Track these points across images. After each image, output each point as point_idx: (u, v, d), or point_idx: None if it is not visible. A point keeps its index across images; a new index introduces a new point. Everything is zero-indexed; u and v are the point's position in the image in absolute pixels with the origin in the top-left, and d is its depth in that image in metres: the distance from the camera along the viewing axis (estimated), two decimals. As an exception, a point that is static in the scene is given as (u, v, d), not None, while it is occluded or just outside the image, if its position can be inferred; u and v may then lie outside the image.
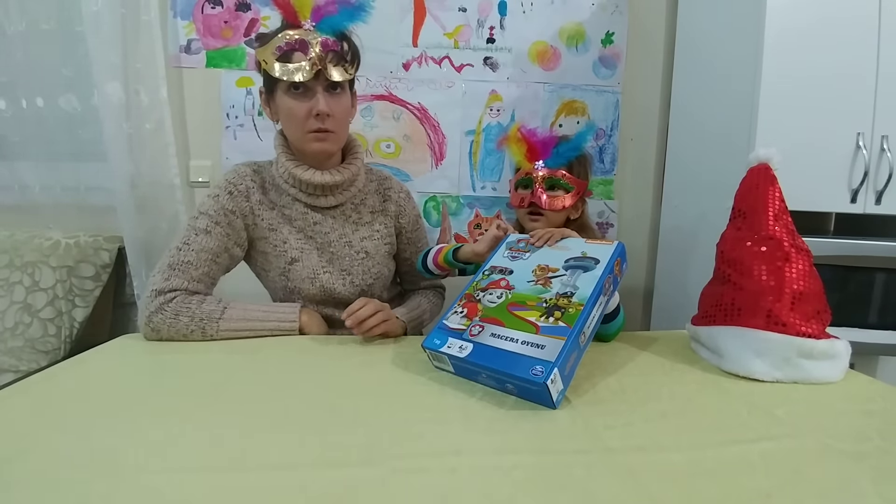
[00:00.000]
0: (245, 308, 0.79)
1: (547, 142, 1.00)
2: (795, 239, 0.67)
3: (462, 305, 0.67)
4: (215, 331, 0.76)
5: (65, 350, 1.30)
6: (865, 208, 1.06)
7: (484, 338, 0.60)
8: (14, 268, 1.31)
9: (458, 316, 0.66)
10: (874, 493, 0.39)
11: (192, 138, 1.46)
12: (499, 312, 0.63)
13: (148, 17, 1.31)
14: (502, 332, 0.60)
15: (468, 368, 0.60)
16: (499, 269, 0.72)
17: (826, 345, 0.62)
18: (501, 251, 0.76)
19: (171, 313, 0.74)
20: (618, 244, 0.68)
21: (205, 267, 0.81)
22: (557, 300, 0.61)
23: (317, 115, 0.79)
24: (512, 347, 0.57)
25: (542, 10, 1.43)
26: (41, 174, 1.41)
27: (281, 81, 0.78)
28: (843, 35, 1.02)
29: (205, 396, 0.56)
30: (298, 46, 0.76)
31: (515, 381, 0.55)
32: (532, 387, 0.53)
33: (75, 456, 0.43)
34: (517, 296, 0.65)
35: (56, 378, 0.62)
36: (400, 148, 1.47)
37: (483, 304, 0.66)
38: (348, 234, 0.92)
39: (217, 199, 0.84)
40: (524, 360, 0.55)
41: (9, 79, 1.36)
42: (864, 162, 1.04)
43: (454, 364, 0.61)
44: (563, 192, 0.98)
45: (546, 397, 0.53)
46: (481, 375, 0.59)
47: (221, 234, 0.83)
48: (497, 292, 0.67)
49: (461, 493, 0.38)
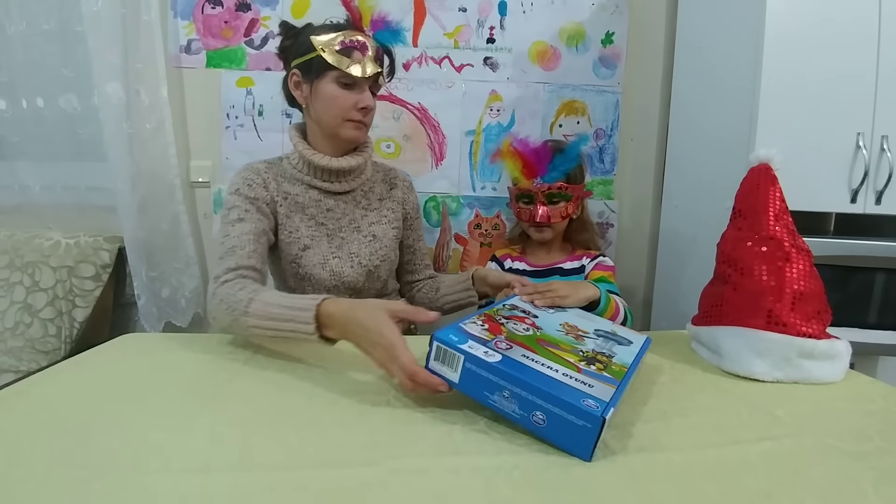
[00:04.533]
0: (267, 303, 0.68)
1: (541, 155, 1.03)
2: (796, 239, 0.67)
3: (482, 320, 0.58)
4: (245, 326, 0.68)
5: (65, 350, 1.30)
6: (865, 208, 1.06)
7: (515, 354, 0.50)
8: (14, 268, 1.31)
9: (479, 326, 0.55)
10: (874, 493, 0.39)
11: (192, 138, 1.46)
12: (528, 341, 0.54)
13: (148, 17, 1.31)
14: (537, 358, 0.50)
15: (486, 380, 0.48)
16: (521, 308, 0.66)
17: (826, 345, 0.62)
18: (517, 299, 0.70)
19: (217, 299, 0.73)
20: (647, 338, 0.64)
21: (250, 246, 0.82)
22: (595, 354, 0.55)
23: (362, 108, 0.87)
24: (553, 374, 0.47)
25: (542, 10, 1.43)
26: (41, 174, 1.41)
27: (332, 71, 0.85)
28: (844, 35, 1.02)
29: (205, 396, 0.56)
30: (359, 47, 0.85)
31: (556, 407, 0.44)
32: (577, 420, 0.43)
33: (75, 456, 0.43)
34: (547, 336, 0.58)
35: (56, 378, 0.62)
36: (400, 148, 1.47)
37: (507, 328, 0.57)
38: (357, 218, 0.97)
39: (239, 193, 0.87)
40: (570, 389, 0.45)
41: (9, 79, 1.36)
42: (864, 162, 1.04)
43: (468, 370, 0.49)
44: (563, 202, 1.03)
45: (587, 439, 0.42)
46: (499, 393, 0.47)
47: (254, 218, 0.86)
48: (523, 325, 0.59)
49: (462, 493, 0.38)
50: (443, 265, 1.51)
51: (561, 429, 0.43)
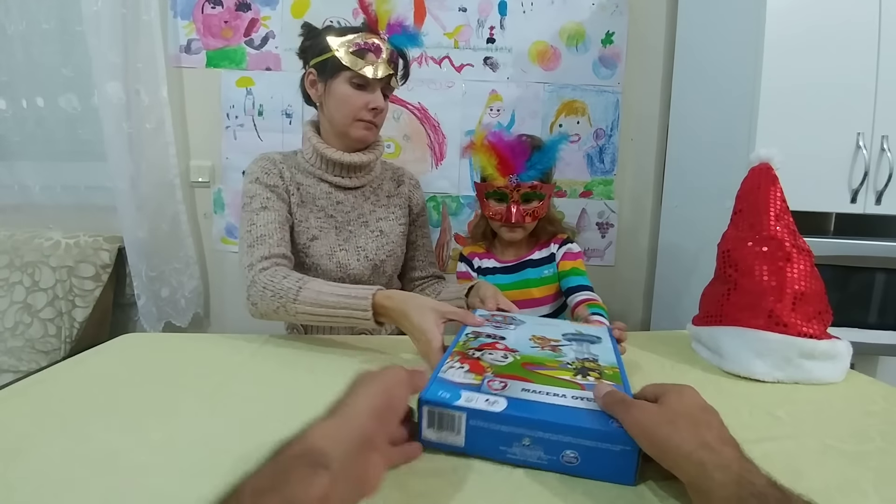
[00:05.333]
0: (319, 291, 0.73)
1: (518, 152, 0.97)
2: (797, 239, 0.67)
3: (458, 361, 0.50)
4: (294, 308, 0.73)
5: (65, 350, 1.30)
6: (865, 208, 1.06)
7: (515, 391, 0.43)
8: (14, 268, 1.31)
9: (459, 370, 0.47)
10: (875, 493, 0.39)
11: (192, 138, 1.46)
12: (515, 370, 0.48)
13: (148, 17, 1.31)
14: (538, 388, 0.44)
15: (498, 434, 0.40)
16: (484, 333, 0.59)
17: (827, 345, 0.62)
18: (466, 331, 0.60)
19: (260, 286, 0.76)
20: (607, 328, 0.64)
21: (278, 234, 0.85)
22: (583, 363, 0.50)
23: (373, 109, 0.89)
24: (564, 402, 0.42)
25: (542, 10, 1.43)
26: (41, 174, 1.42)
27: (346, 71, 0.87)
28: (844, 35, 1.02)
29: (205, 396, 0.56)
30: (374, 49, 0.87)
31: (588, 440, 0.38)
32: (614, 446, 0.38)
33: (75, 456, 0.43)
34: (528, 357, 0.51)
35: (56, 378, 0.61)
36: (400, 148, 1.47)
37: (487, 361, 0.50)
38: (366, 213, 0.99)
39: (259, 181, 0.89)
40: (592, 414, 0.40)
41: (9, 79, 1.37)
42: (864, 162, 1.04)
43: (474, 427, 0.41)
44: (536, 201, 1.00)
45: (629, 463, 0.38)
46: (518, 444, 0.40)
47: (277, 206, 0.88)
48: (498, 353, 0.52)
49: (462, 493, 0.38)
50: (443, 265, 1.51)
51: (599, 461, 0.39)
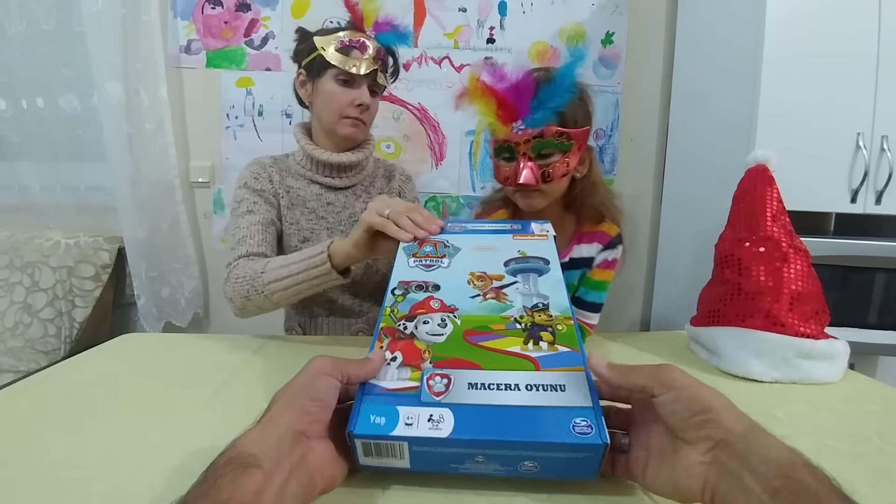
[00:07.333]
0: (282, 263, 0.74)
1: (522, 89, 0.70)
2: (794, 239, 0.67)
3: (388, 347, 0.43)
4: (262, 286, 0.73)
5: (65, 350, 1.30)
6: (865, 208, 1.06)
7: (460, 394, 0.38)
8: (14, 268, 1.31)
9: (394, 367, 0.41)
10: (873, 494, 0.39)
11: (192, 138, 1.46)
12: (457, 348, 0.42)
13: (148, 17, 1.31)
14: (486, 379, 0.39)
15: (445, 455, 0.36)
16: (415, 284, 0.50)
17: (825, 345, 0.62)
18: (404, 261, 0.54)
19: (232, 280, 0.77)
20: (552, 236, 0.56)
21: (259, 235, 0.86)
22: (533, 316, 0.45)
23: (359, 105, 0.89)
24: (517, 399, 0.37)
25: (542, 10, 1.43)
26: (41, 174, 1.42)
27: (332, 69, 0.87)
28: (843, 35, 1.02)
29: (204, 396, 0.56)
30: (359, 46, 0.88)
31: (547, 452, 0.35)
32: (576, 454, 0.35)
33: (75, 456, 0.43)
34: (469, 319, 0.45)
35: (56, 378, 0.62)
36: (400, 148, 1.47)
37: (421, 338, 0.43)
38: (357, 213, 0.99)
39: (247, 186, 0.91)
40: (550, 415, 0.36)
41: (9, 79, 1.37)
42: (864, 162, 1.04)
43: (418, 453, 0.36)
44: (558, 154, 0.72)
45: (594, 462, 0.35)
46: (470, 461, 0.36)
47: (263, 209, 0.89)
48: (435, 318, 0.45)
49: (462, 493, 0.38)
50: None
51: (560, 467, 0.36)
